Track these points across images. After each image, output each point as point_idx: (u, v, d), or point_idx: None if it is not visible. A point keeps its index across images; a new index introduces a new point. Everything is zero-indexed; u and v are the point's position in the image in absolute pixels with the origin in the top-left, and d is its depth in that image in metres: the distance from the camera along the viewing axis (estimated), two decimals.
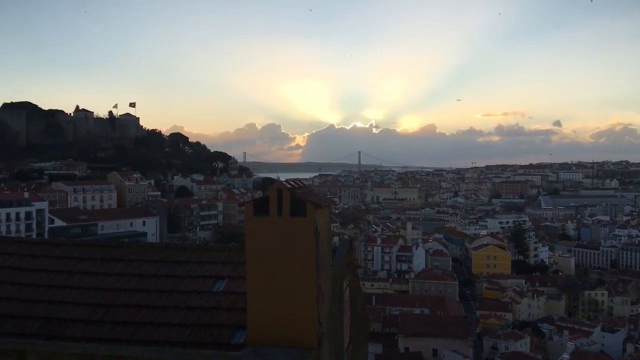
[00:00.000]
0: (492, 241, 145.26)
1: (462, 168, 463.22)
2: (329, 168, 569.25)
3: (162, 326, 7.78)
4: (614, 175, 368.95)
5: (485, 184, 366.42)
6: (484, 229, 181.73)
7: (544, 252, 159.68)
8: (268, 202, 6.53)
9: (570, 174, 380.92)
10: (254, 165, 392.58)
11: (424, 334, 71.20)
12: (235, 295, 8.11)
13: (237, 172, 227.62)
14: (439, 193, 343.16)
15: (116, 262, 9.31)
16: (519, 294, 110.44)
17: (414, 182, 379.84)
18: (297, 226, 6.47)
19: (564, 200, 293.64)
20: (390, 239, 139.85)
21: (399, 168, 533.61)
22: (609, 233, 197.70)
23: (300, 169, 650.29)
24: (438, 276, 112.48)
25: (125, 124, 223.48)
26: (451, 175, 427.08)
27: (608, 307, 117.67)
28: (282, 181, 6.85)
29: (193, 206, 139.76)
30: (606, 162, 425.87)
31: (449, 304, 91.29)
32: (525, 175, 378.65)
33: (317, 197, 7.39)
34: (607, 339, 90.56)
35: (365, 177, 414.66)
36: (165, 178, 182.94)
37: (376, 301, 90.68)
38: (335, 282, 7.92)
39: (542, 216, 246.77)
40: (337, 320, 8.02)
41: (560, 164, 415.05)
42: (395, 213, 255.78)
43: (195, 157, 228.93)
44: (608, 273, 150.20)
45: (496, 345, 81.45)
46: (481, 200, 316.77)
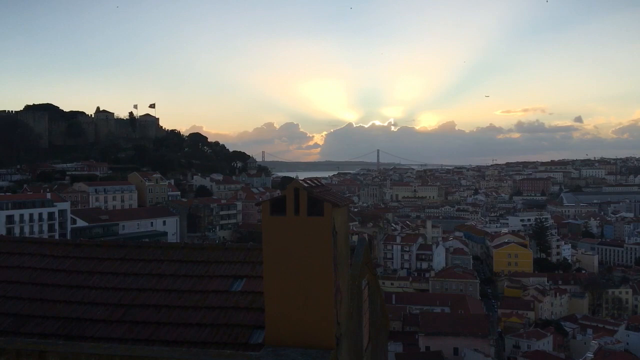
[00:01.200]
0: (514, 239, 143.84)
1: (482, 165, 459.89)
2: (348, 166, 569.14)
3: (180, 326, 7.79)
4: (638, 172, 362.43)
5: (505, 182, 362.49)
6: (505, 227, 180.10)
7: (567, 250, 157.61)
8: (285, 201, 6.48)
9: (593, 170, 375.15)
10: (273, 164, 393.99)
11: (445, 333, 70.75)
12: (254, 294, 8.09)
13: (256, 171, 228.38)
14: (458, 191, 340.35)
15: (135, 262, 9.35)
16: (541, 293, 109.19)
17: (434, 180, 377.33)
18: (315, 225, 6.41)
19: (586, 197, 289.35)
20: (409, 237, 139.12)
21: (418, 166, 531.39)
22: (633, 230, 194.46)
23: (319, 167, 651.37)
24: (458, 275, 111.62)
25: (145, 125, 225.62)
26: (471, 172, 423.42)
27: (633, 305, 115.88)
28: (299, 180, 6.79)
29: (212, 206, 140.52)
30: (630, 158, 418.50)
31: (469, 303, 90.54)
32: (546, 172, 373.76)
33: (335, 195, 7.32)
34: (632, 337, 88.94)
35: (384, 176, 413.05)
36: (185, 178, 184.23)
37: (396, 300, 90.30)
38: (353, 282, 7.85)
39: (564, 213, 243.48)
40: (355, 320, 7.94)
41: (582, 160, 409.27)
42: (415, 211, 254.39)
43: (214, 157, 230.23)
44: (632, 271, 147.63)
45: (518, 344, 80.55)
46: (502, 198, 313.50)
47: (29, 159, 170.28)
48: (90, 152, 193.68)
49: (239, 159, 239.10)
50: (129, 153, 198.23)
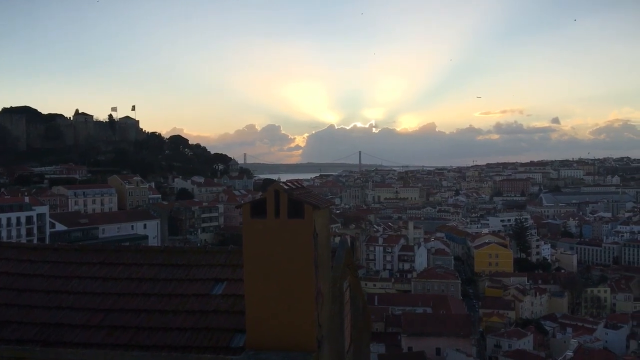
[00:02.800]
0: (494, 239, 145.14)
1: (463, 167, 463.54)
2: (330, 168, 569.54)
3: (160, 330, 7.71)
4: (615, 172, 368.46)
5: (486, 182, 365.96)
6: (486, 228, 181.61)
7: (546, 250, 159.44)
8: (265, 204, 6.46)
9: (571, 170, 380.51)
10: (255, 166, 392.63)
11: (427, 333, 71.12)
12: (235, 298, 8.05)
13: (238, 173, 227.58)
14: (440, 192, 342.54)
15: (114, 266, 9.25)
16: (521, 292, 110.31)
17: (415, 181, 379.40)
18: (295, 228, 6.40)
19: (565, 198, 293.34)
20: (392, 238, 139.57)
21: (399, 167, 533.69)
22: (611, 230, 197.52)
23: (301, 169, 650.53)
24: (440, 275, 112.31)
25: (125, 127, 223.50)
26: (452, 173, 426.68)
27: (611, 303, 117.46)
28: (279, 182, 6.77)
29: (194, 208, 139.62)
30: (607, 159, 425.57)
31: (451, 303, 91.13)
32: (526, 172, 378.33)
33: (316, 198, 7.32)
34: (611, 335, 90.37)
35: (366, 177, 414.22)
36: (166, 181, 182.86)
37: (379, 301, 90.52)
38: (335, 284, 7.85)
39: (544, 213, 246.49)
40: (337, 322, 7.94)
41: (560, 161, 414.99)
42: (397, 212, 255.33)
43: (195, 159, 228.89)
44: (610, 270, 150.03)
45: (499, 344, 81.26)
46: (482, 199, 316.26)
47: (6, 162, 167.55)
48: (69, 155, 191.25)
49: (220, 161, 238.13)
50: (108, 156, 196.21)
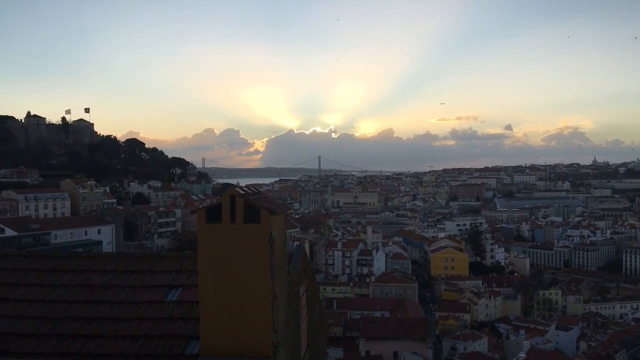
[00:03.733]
0: (450, 243, 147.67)
1: (420, 172, 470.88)
2: (289, 173, 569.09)
3: (112, 338, 7.53)
4: (565, 178, 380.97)
5: (442, 187, 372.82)
6: (442, 232, 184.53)
7: (500, 254, 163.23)
8: (221, 208, 6.40)
9: (524, 176, 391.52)
10: (213, 170, 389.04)
11: (385, 337, 71.70)
12: (190, 304, 7.93)
13: (196, 178, 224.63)
14: (398, 197, 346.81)
15: (64, 272, 8.99)
16: (476, 295, 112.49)
17: (374, 186, 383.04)
18: (251, 233, 6.36)
19: (518, 202, 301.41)
20: (350, 243, 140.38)
21: (358, 172, 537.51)
22: (561, 234, 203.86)
23: (261, 174, 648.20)
24: (398, 279, 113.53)
25: (79, 130, 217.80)
26: (410, 179, 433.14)
27: (562, 305, 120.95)
28: (235, 187, 6.72)
29: (150, 213, 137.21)
30: (558, 165, 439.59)
31: (408, 307, 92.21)
32: (480, 178, 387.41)
33: (272, 202, 7.30)
34: (562, 337, 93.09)
35: (326, 182, 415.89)
36: (121, 185, 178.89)
37: (337, 305, 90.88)
38: (291, 289, 7.83)
39: (498, 218, 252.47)
40: (293, 327, 7.92)
41: (514, 167, 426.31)
42: (356, 217, 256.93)
43: (152, 163, 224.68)
44: (561, 273, 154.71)
45: (455, 346, 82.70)
46: (439, 203, 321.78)
47: None
48: (20, 158, 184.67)
49: (178, 165, 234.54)
50: (61, 159, 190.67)
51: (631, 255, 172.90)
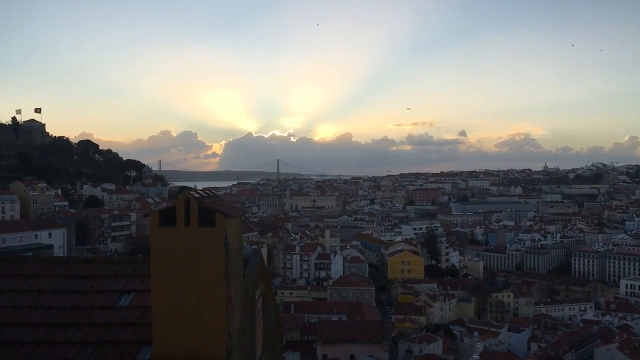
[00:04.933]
0: (407, 247, 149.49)
1: (378, 176, 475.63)
2: (248, 176, 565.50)
3: (61, 345, 7.34)
4: (518, 183, 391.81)
5: (399, 192, 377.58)
6: (399, 235, 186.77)
7: (455, 257, 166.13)
8: (175, 212, 6.33)
9: (478, 181, 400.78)
10: (170, 173, 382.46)
11: (342, 341, 71.99)
12: (142, 309, 7.79)
13: (152, 180, 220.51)
14: (356, 201, 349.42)
15: (12, 277, 8.69)
16: (431, 298, 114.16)
17: (332, 190, 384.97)
18: (206, 237, 6.31)
19: (472, 207, 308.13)
20: (308, 246, 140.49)
21: (317, 176, 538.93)
22: (514, 237, 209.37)
23: (219, 177, 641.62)
24: (355, 282, 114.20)
25: (30, 131, 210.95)
26: (368, 183, 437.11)
27: (514, 308, 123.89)
28: (189, 191, 6.66)
29: (104, 217, 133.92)
30: (511, 170, 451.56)
31: (365, 310, 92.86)
32: (436, 183, 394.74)
33: (228, 206, 7.26)
34: (513, 338, 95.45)
35: (284, 186, 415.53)
36: (74, 187, 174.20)
37: (295, 309, 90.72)
38: (246, 293, 7.80)
39: (453, 222, 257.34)
40: (248, 331, 7.89)
41: (468, 172, 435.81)
42: (314, 221, 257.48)
43: (106, 166, 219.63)
44: (513, 275, 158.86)
45: (410, 349, 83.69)
46: (396, 208, 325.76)
47: None
48: None
49: (133, 167, 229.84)
50: (11, 161, 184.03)
51: (580, 259, 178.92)
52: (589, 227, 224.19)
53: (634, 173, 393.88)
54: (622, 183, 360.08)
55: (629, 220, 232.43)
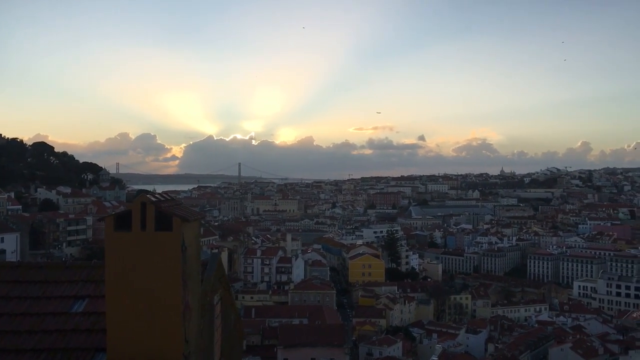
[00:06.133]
0: (367, 250, 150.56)
1: (340, 180, 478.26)
2: (209, 180, 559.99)
3: (12, 352, 7.13)
4: (475, 187, 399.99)
5: (361, 195, 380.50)
6: (360, 239, 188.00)
7: (415, 260, 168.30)
8: (131, 216, 6.24)
9: (437, 185, 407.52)
10: (128, 176, 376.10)
11: (303, 344, 71.98)
12: (96, 315, 7.64)
13: (109, 184, 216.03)
14: (317, 204, 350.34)
15: None
16: (392, 301, 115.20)
17: (294, 193, 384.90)
18: (162, 241, 6.23)
19: (432, 210, 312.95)
20: (270, 250, 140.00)
21: (278, 180, 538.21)
22: (471, 240, 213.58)
23: (179, 180, 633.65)
24: (316, 286, 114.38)
25: None
26: (329, 186, 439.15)
27: (472, 309, 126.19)
28: (146, 194, 6.58)
29: (59, 220, 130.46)
30: (469, 175, 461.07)
31: (326, 313, 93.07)
32: (397, 186, 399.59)
33: (186, 210, 7.19)
34: (471, 340, 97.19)
35: (246, 189, 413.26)
36: (28, 190, 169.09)
37: (255, 314, 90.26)
38: (204, 298, 7.74)
39: (413, 225, 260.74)
40: (206, 337, 7.82)
41: (428, 176, 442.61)
42: (276, 224, 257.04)
43: (61, 168, 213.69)
44: (471, 278, 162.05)
45: (371, 351, 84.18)
46: (357, 211, 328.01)
47: None
48: None
49: (89, 170, 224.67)
50: None
51: (534, 261, 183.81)
52: (543, 230, 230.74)
53: (586, 178, 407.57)
54: (575, 187, 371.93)
55: (581, 223, 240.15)
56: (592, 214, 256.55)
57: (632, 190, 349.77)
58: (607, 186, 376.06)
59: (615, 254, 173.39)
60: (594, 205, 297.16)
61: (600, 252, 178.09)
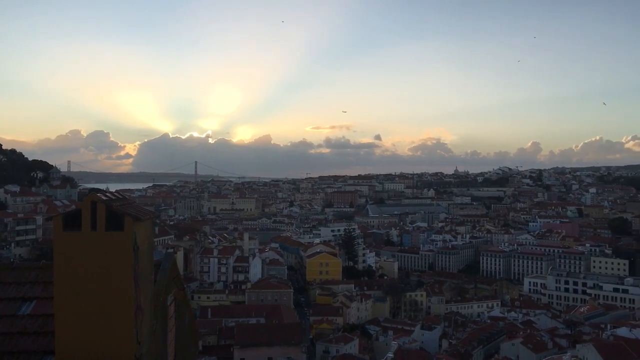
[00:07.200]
0: (325, 249, 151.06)
1: (297, 179, 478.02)
2: (164, 178, 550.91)
3: None
4: (430, 186, 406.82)
5: (318, 194, 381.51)
6: (318, 238, 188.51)
7: (371, 258, 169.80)
8: (80, 215, 6.10)
9: (394, 184, 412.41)
10: (81, 175, 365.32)
11: (260, 344, 71.69)
12: (45, 317, 7.44)
13: (60, 182, 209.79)
14: (275, 203, 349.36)
15: None
16: (348, 299, 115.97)
17: (251, 192, 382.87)
18: (114, 241, 6.12)
19: (388, 209, 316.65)
20: (227, 249, 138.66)
21: (236, 178, 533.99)
22: (426, 238, 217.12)
23: (133, 179, 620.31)
24: (274, 285, 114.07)
25: None
26: (287, 185, 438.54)
27: (426, 306, 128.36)
28: (97, 193, 6.44)
29: (7, 220, 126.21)
30: (424, 174, 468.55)
31: (283, 312, 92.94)
32: (354, 185, 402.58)
33: (138, 209, 7.07)
34: (426, 336, 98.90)
35: (202, 188, 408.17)
36: None
37: (212, 314, 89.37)
38: (157, 299, 7.63)
39: (370, 224, 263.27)
40: (159, 338, 7.72)
41: (384, 175, 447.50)
42: (233, 223, 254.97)
43: (9, 166, 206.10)
44: (426, 275, 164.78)
45: (328, 349, 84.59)
46: (315, 210, 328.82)
47: None
48: None
49: (39, 168, 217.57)
50: None
51: (487, 258, 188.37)
52: (495, 228, 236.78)
53: (536, 177, 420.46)
54: (525, 186, 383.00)
55: (532, 221, 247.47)
56: (542, 212, 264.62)
57: (580, 189, 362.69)
58: (556, 185, 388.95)
59: (563, 250, 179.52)
60: (543, 203, 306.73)
61: (550, 249, 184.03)
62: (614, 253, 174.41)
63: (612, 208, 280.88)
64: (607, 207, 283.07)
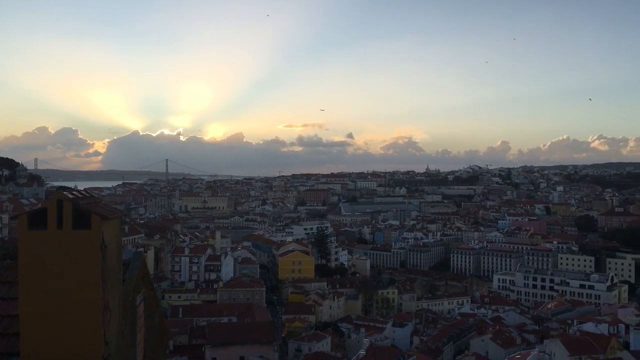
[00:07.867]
0: (297, 247, 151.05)
1: (270, 177, 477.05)
2: (134, 176, 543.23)
3: None
4: (402, 184, 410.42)
5: (291, 192, 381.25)
6: (290, 236, 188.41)
7: (344, 256, 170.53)
8: (46, 214, 5.98)
9: (366, 182, 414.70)
10: (48, 172, 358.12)
11: (231, 343, 71.30)
12: (9, 318, 7.27)
13: (27, 180, 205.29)
14: (247, 201, 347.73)
15: None
16: (321, 297, 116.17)
17: (224, 190, 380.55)
18: (80, 240, 6.02)
19: (361, 207, 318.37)
20: (198, 248, 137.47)
21: (208, 176, 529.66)
22: (398, 236, 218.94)
23: (102, 177, 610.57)
24: (246, 284, 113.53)
25: None
26: (259, 183, 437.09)
27: (398, 303, 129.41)
28: (63, 191, 6.33)
29: None
30: (396, 172, 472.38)
31: (256, 311, 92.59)
32: (327, 183, 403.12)
33: (106, 207, 6.97)
34: (397, 333, 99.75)
35: (173, 186, 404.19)
36: None
37: (183, 313, 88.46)
38: (126, 298, 7.54)
39: (342, 222, 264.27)
40: (127, 338, 7.63)
41: (357, 173, 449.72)
42: (205, 222, 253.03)
43: None
44: (398, 272, 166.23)
45: (300, 348, 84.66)
46: (288, 208, 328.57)
47: None
48: None
49: (5, 166, 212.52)
50: None
51: (457, 255, 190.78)
52: (466, 226, 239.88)
53: (505, 175, 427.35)
54: (495, 185, 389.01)
55: (501, 219, 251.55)
56: (511, 210, 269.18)
57: (548, 188, 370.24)
58: (524, 183, 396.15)
59: (531, 248, 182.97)
60: (512, 201, 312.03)
61: (518, 247, 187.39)
62: (581, 250, 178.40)
63: (579, 206, 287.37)
64: (573, 205, 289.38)
